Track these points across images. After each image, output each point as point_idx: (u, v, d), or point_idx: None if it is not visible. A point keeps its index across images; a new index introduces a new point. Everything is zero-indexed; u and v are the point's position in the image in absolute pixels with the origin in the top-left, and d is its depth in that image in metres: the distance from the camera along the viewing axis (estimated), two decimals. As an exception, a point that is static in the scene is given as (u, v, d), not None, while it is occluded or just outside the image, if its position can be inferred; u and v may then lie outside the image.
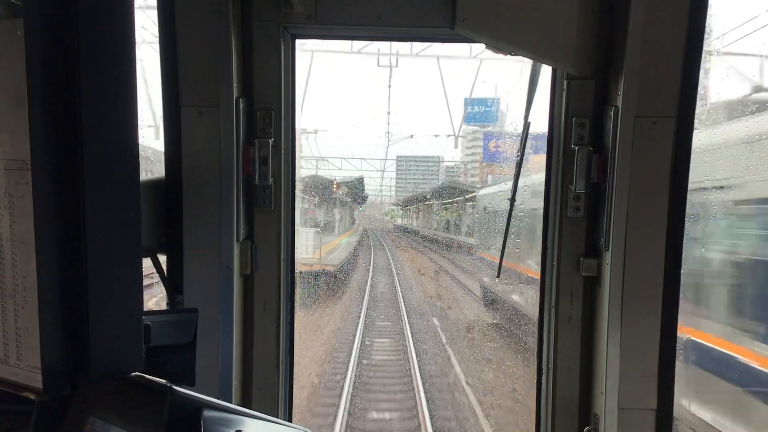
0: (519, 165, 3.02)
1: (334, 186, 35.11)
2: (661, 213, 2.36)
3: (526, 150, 2.95)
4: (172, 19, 2.38)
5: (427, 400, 10.82)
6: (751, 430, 6.59)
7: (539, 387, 2.70)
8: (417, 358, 13.31)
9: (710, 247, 7.64)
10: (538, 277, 2.74)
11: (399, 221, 69.65)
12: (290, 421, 2.80)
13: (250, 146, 2.50)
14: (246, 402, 2.62)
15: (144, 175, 2.66)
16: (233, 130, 2.42)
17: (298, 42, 2.63)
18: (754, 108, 7.58)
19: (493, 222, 19.11)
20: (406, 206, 63.42)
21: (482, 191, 26.54)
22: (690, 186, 2.37)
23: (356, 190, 44.55)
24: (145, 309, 1.11)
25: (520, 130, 2.98)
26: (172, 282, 2.49)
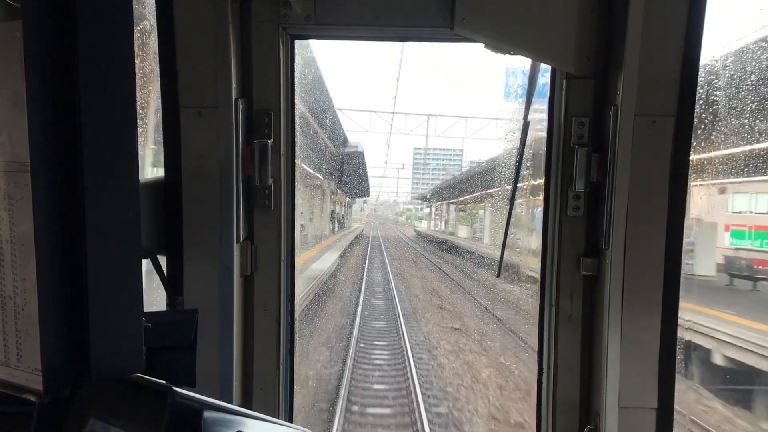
0: (518, 165, 3.02)
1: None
2: (661, 212, 2.36)
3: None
4: (170, 20, 2.38)
5: None
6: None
7: (540, 386, 2.69)
8: None
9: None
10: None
11: (423, 226, 49.97)
12: (291, 421, 2.80)
13: (249, 147, 2.50)
14: (246, 403, 2.62)
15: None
16: (233, 130, 2.42)
17: None
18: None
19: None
20: (439, 200, 43.74)
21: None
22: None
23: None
24: (145, 310, 1.11)
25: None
26: (172, 283, 2.49)
